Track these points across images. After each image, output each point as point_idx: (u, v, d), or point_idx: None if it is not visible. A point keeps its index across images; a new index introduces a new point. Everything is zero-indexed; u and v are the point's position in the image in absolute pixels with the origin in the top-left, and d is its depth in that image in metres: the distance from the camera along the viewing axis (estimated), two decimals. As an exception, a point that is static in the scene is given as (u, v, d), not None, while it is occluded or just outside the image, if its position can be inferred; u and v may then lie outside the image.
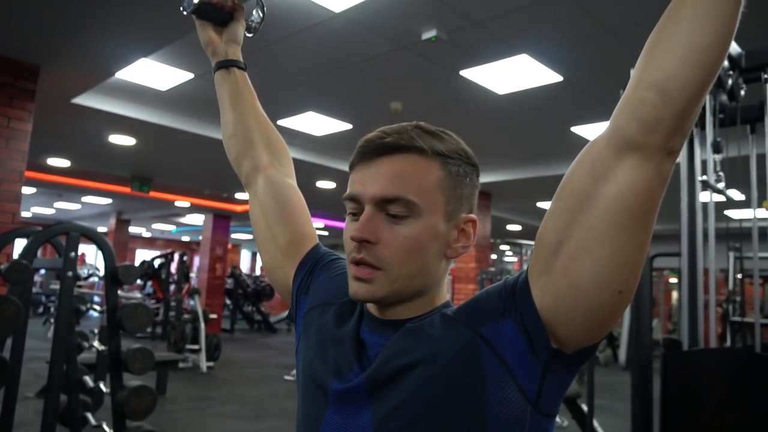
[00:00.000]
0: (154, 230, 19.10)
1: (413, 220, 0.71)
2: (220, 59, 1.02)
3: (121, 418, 3.07)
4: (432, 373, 0.66)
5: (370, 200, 0.72)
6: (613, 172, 0.62)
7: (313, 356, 0.79)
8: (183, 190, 10.34)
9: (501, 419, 0.64)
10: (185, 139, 6.19)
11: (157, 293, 11.89)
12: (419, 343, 0.69)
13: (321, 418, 0.74)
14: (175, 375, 6.53)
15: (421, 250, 0.71)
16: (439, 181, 0.73)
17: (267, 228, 0.93)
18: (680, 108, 0.59)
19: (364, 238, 0.70)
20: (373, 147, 0.73)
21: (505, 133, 5.85)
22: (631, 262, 0.63)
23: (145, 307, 3.06)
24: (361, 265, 0.71)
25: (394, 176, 0.71)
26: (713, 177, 2.09)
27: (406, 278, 0.72)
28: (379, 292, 0.71)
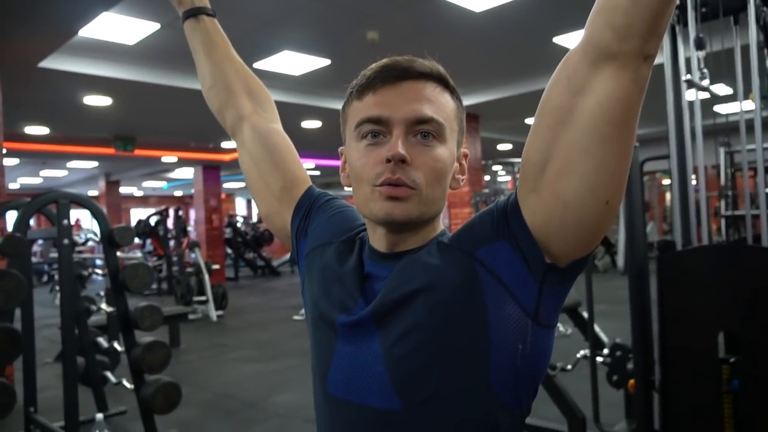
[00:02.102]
0: (146, 188, 18.99)
1: (439, 144, 0.72)
2: (186, 8, 0.99)
3: (139, 373, 3.17)
4: (434, 300, 0.69)
5: (403, 121, 0.71)
6: (590, 84, 0.61)
7: (318, 295, 0.81)
8: (168, 145, 10.21)
9: (504, 335, 0.67)
10: (162, 92, 6.05)
11: (158, 250, 11.97)
12: (419, 272, 0.71)
13: (333, 350, 0.76)
14: (187, 327, 6.69)
15: (445, 175, 0.73)
16: (455, 110, 0.76)
17: (259, 176, 0.93)
18: (653, 9, 0.58)
19: (403, 156, 0.69)
20: (397, 70, 0.73)
21: (487, 52, 5.71)
22: (616, 172, 0.63)
23: (145, 266, 3.09)
24: (396, 186, 0.70)
25: (426, 99, 0.72)
26: (697, 75, 2.06)
27: (432, 201, 0.72)
28: (413, 212, 0.71)
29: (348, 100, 0.78)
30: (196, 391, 4.34)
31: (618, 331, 3.04)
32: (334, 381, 0.75)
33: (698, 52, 2.05)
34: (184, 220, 11.82)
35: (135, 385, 3.13)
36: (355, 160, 0.74)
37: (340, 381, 0.74)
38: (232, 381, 4.75)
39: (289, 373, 4.88)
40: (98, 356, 3.87)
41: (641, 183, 2.73)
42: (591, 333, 3.00)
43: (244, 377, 4.86)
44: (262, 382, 4.67)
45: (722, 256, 2.00)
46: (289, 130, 1.00)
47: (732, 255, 1.99)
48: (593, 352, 2.93)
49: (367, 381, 0.72)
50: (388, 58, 0.75)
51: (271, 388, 4.46)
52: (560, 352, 3.39)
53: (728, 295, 1.83)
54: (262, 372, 4.99)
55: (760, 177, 2.09)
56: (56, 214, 2.87)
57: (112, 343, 4.21)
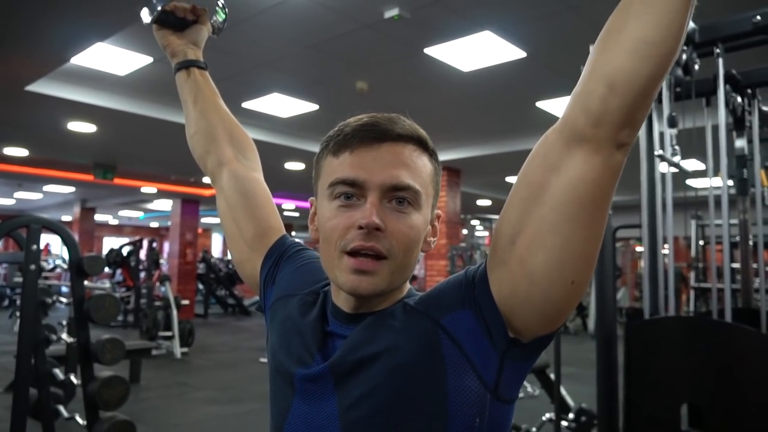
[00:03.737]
0: (121, 217, 18.74)
1: (415, 210, 0.70)
2: (179, 60, 1.02)
3: (94, 409, 3.05)
4: (394, 364, 0.67)
5: (379, 187, 0.69)
6: (564, 163, 0.62)
7: (277, 347, 0.80)
8: (149, 176, 10.15)
9: (461, 407, 0.65)
10: (148, 124, 6.06)
11: (128, 281, 11.71)
12: (381, 334, 0.69)
13: (289, 408, 0.74)
14: (149, 363, 6.49)
15: (418, 242, 0.71)
16: (432, 175, 0.74)
17: (233, 222, 0.93)
18: (628, 101, 0.59)
19: (378, 225, 0.67)
20: (375, 131, 0.70)
21: (472, 110, 5.87)
22: (584, 253, 0.63)
23: (112, 298, 3.03)
24: (365, 257, 0.68)
25: (404, 164, 0.70)
26: (669, 150, 2.15)
27: (403, 269, 0.71)
28: (381, 285, 0.69)
29: (322, 153, 0.76)
30: (151, 431, 4.18)
31: (586, 395, 3.03)
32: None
33: (671, 129, 2.14)
34: (157, 252, 11.63)
35: (88, 422, 3.01)
36: (326, 220, 0.72)
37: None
38: (191, 422, 4.58)
39: (252, 418, 4.73)
40: (52, 388, 3.72)
41: (613, 249, 2.79)
42: (557, 396, 2.99)
43: (204, 419, 4.70)
44: (223, 425, 4.52)
45: (685, 328, 2.03)
46: (273, 170, 1.03)
47: (694, 328, 2.03)
48: (558, 416, 2.91)
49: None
50: (368, 116, 0.73)
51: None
52: (526, 413, 3.37)
53: (691, 368, 1.85)
54: (223, 414, 4.83)
55: (725, 252, 2.15)
56: (26, 239, 2.81)
57: (68, 375, 4.06)
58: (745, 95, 2.50)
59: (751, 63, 2.51)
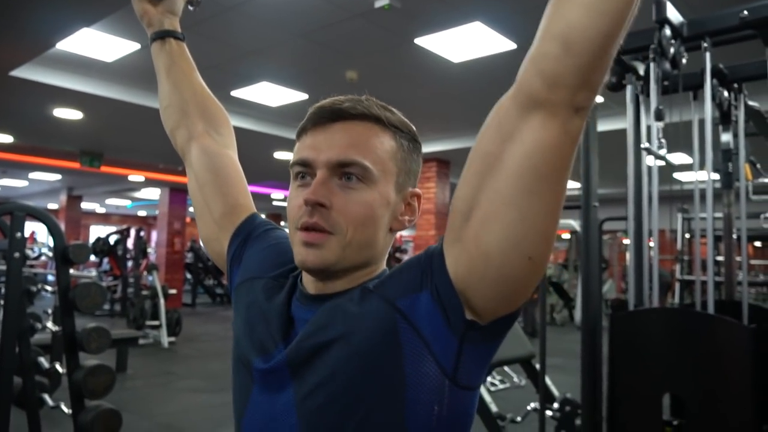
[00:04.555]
0: (109, 206, 18.58)
1: (366, 186, 0.69)
2: (155, 30, 0.99)
3: (79, 397, 3.04)
4: (348, 351, 0.65)
5: (325, 164, 0.69)
6: (519, 131, 0.58)
7: (241, 334, 0.77)
8: (136, 165, 10.06)
9: (419, 394, 0.63)
10: (135, 112, 6.00)
11: (115, 270, 11.64)
12: (336, 319, 0.67)
13: (248, 397, 0.73)
14: (136, 352, 6.47)
15: (373, 218, 0.69)
16: (392, 151, 0.72)
17: (202, 198, 0.90)
18: (584, 61, 0.55)
19: (318, 201, 0.67)
20: (328, 112, 0.71)
21: (462, 101, 5.86)
22: (541, 227, 0.59)
23: (98, 286, 3.01)
24: (312, 231, 0.68)
25: (350, 141, 0.69)
26: (656, 144, 2.16)
27: (357, 246, 0.69)
28: (329, 258, 0.68)
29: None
30: (138, 420, 4.18)
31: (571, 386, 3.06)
32: (248, 426, 0.73)
33: (657, 122, 2.15)
34: (145, 241, 11.56)
35: (73, 410, 3.00)
36: (288, 200, 0.73)
37: (254, 428, 0.72)
38: (177, 411, 4.59)
39: (238, 408, 4.75)
40: (37, 377, 3.70)
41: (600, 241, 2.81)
42: (542, 386, 3.02)
43: (190, 408, 4.70)
44: (209, 414, 4.52)
45: (669, 319, 2.06)
46: (262, 160, 1.02)
47: (677, 319, 2.05)
48: (543, 406, 2.94)
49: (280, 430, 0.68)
50: (330, 99, 0.73)
51: (216, 421, 4.32)
52: (512, 403, 3.40)
53: (674, 359, 1.88)
54: (209, 404, 4.84)
55: (709, 245, 2.18)
56: (10, 226, 2.78)
57: (54, 364, 4.03)
58: (731, 90, 2.52)
59: (739, 58, 2.53)
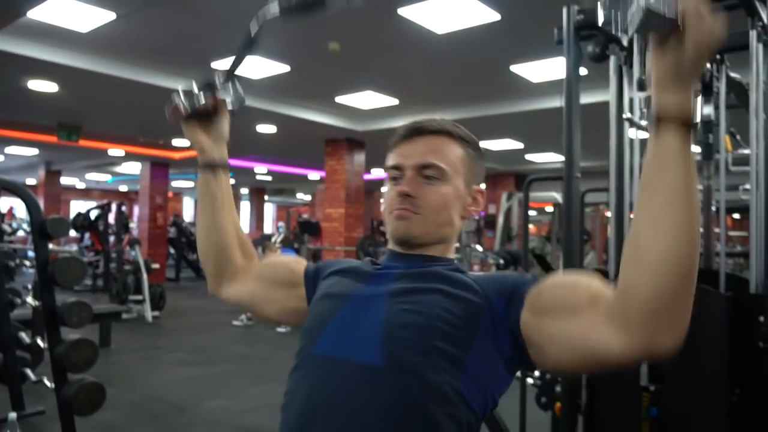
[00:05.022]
0: (89, 181, 18.31)
1: (442, 182, 0.92)
2: (207, 159, 1.06)
3: (62, 371, 3.03)
4: (447, 303, 0.84)
5: (412, 167, 0.92)
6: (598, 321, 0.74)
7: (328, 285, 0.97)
8: (116, 138, 9.90)
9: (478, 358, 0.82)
10: (113, 83, 5.88)
11: (96, 245, 11.53)
12: (444, 280, 0.88)
13: (334, 315, 0.89)
14: (119, 326, 6.45)
15: (447, 205, 0.93)
16: (461, 157, 0.95)
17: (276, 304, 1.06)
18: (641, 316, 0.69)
19: (407, 192, 0.91)
20: (412, 129, 0.95)
21: (445, 73, 5.82)
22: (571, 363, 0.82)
23: (77, 260, 2.97)
24: (403, 209, 0.91)
25: (428, 149, 0.93)
26: (638, 114, 2.16)
27: (436, 225, 0.92)
28: (414, 230, 0.91)
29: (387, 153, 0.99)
30: (123, 393, 4.18)
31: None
32: (323, 341, 0.87)
33: (640, 93, 2.15)
34: (126, 216, 11.44)
35: (56, 385, 2.99)
36: (385, 194, 0.96)
37: (331, 340, 0.87)
38: (163, 384, 4.60)
39: (224, 379, 4.77)
40: (19, 352, 3.68)
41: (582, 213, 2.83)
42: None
43: (176, 381, 4.72)
44: (195, 386, 4.55)
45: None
46: (244, 133, 1.02)
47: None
48: (524, 374, 2.99)
49: (359, 339, 0.84)
50: (412, 121, 0.97)
51: (203, 393, 4.34)
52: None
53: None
54: (195, 376, 4.86)
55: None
56: (-14, 200, 2.73)
57: (35, 339, 4.01)
58: (713, 61, 2.52)
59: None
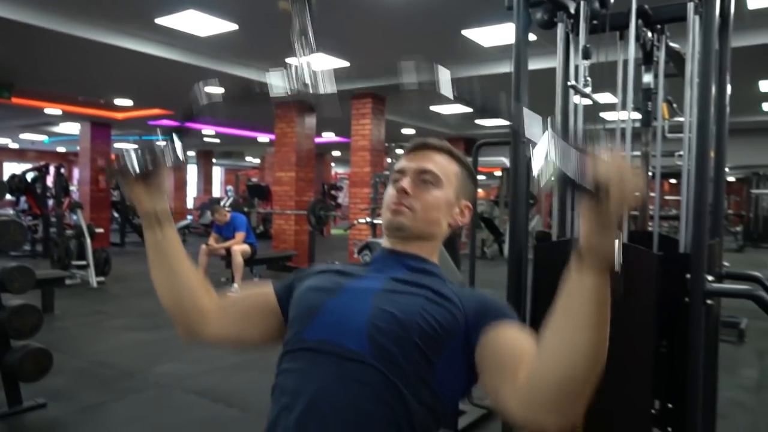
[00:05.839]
0: (23, 141, 17.40)
1: (436, 187, 1.06)
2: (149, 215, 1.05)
3: (5, 338, 2.96)
4: (429, 308, 0.93)
5: (413, 171, 1.07)
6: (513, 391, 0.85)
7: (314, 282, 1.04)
8: (53, 97, 9.42)
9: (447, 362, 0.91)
10: (49, 38, 5.57)
11: (34, 209, 11.06)
12: (432, 289, 0.97)
13: (324, 304, 0.96)
14: (63, 292, 6.27)
15: (437, 207, 1.06)
16: (455, 172, 1.10)
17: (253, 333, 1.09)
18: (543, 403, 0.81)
19: (404, 189, 1.04)
20: (421, 145, 1.11)
21: (397, 37, 5.78)
22: None
23: (18, 224, 2.88)
24: (399, 204, 1.03)
25: (431, 160, 1.08)
26: (582, 82, 2.23)
27: (425, 222, 1.05)
28: (405, 222, 1.04)
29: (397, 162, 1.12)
30: (69, 359, 4.11)
31: (496, 314, 3.25)
32: (315, 328, 0.94)
33: (584, 61, 2.21)
34: (66, 179, 10.99)
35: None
36: (385, 194, 1.09)
37: (321, 327, 0.94)
38: (110, 349, 4.54)
39: (173, 344, 4.74)
40: (-43, 319, 3.55)
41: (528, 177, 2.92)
42: (472, 314, 3.18)
43: (124, 346, 4.66)
44: (144, 351, 4.51)
45: (587, 248, 2.20)
46: (190, 93, 1.00)
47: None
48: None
49: (347, 328, 0.92)
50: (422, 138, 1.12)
51: (152, 357, 4.31)
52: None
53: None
54: (143, 341, 4.81)
55: (627, 180, 2.30)
56: None
57: (-26, 305, 3.87)
58: (654, 30, 2.61)
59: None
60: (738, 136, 5.33)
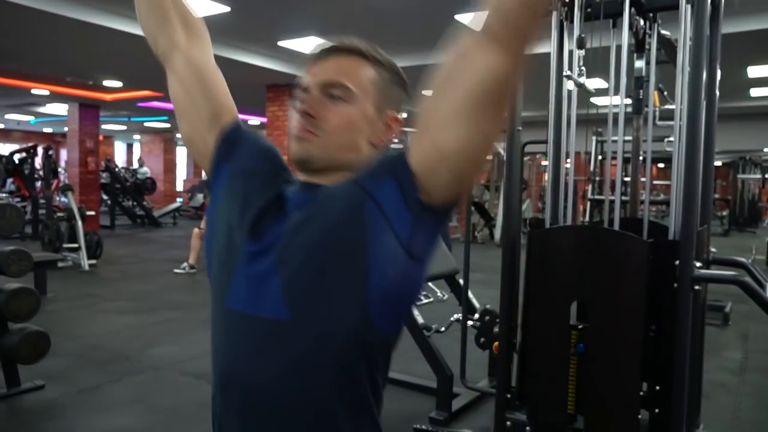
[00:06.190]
0: (8, 121, 17.16)
1: (347, 103, 0.86)
2: None
3: (2, 320, 2.97)
4: (324, 224, 0.80)
5: (316, 85, 0.86)
6: (476, 59, 0.74)
7: (230, 218, 0.88)
8: (40, 77, 9.28)
9: (380, 261, 0.77)
10: (36, 18, 5.48)
11: (22, 191, 10.97)
12: (330, 200, 0.82)
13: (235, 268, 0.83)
14: (55, 275, 6.27)
15: (352, 128, 0.86)
16: (372, 79, 0.89)
17: (189, 100, 0.97)
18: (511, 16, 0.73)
19: (306, 111, 0.85)
20: (326, 50, 0.90)
21: (391, 20, 5.76)
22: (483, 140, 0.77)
23: (14, 208, 2.89)
24: (302, 129, 0.85)
25: (337, 69, 0.87)
26: (576, 71, 2.26)
27: (338, 147, 0.85)
28: (313, 151, 0.85)
29: None
30: (64, 342, 4.14)
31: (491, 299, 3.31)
32: (232, 295, 0.83)
33: (579, 50, 2.24)
34: (54, 161, 10.89)
35: (-3, 334, 2.94)
36: (289, 117, 0.91)
37: (237, 293, 0.83)
38: (105, 332, 4.57)
39: (167, 326, 4.78)
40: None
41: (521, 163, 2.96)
42: (465, 299, 3.24)
43: (118, 329, 4.69)
44: (138, 334, 4.54)
45: (579, 235, 2.25)
46: None
47: (586, 235, 2.25)
48: (465, 317, 3.17)
49: (262, 294, 0.80)
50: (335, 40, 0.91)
51: (147, 340, 4.35)
52: (436, 315, 3.64)
53: (581, 270, 2.08)
54: (137, 324, 4.84)
55: (619, 166, 2.35)
56: None
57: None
58: (646, 18, 2.64)
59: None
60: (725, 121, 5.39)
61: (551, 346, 2.13)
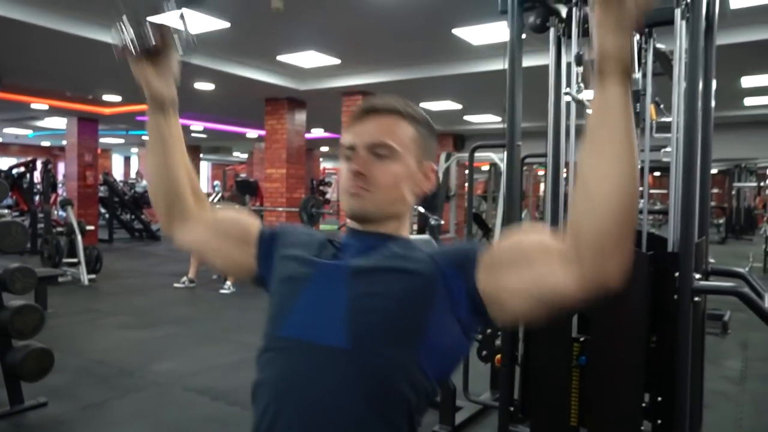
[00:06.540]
0: (6, 135, 17.18)
1: (392, 161, 0.94)
2: (156, 99, 1.02)
3: (6, 338, 2.98)
4: (408, 282, 0.89)
5: (363, 146, 0.94)
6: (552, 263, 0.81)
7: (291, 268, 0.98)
8: (40, 92, 9.32)
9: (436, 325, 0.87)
10: (35, 34, 5.53)
11: (21, 205, 10.97)
12: (401, 259, 0.92)
13: (296, 297, 0.93)
14: (55, 290, 6.26)
15: (398, 183, 0.95)
16: (411, 136, 0.97)
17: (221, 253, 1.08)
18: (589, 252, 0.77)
19: (359, 171, 0.93)
20: (365, 109, 0.98)
21: (389, 34, 5.82)
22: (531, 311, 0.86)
23: (19, 225, 2.90)
24: (357, 188, 0.93)
25: (380, 129, 0.95)
26: (575, 87, 2.30)
27: (387, 201, 0.95)
28: (368, 206, 0.94)
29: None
30: (67, 357, 4.13)
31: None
32: (290, 323, 0.91)
33: (577, 67, 2.28)
34: (53, 175, 10.91)
35: (1, 351, 2.95)
36: (340, 176, 1.00)
37: (296, 322, 0.91)
38: (107, 348, 4.56)
39: (170, 342, 4.77)
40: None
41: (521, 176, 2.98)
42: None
43: (120, 344, 4.69)
44: (140, 349, 4.54)
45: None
46: (180, 90, 1.03)
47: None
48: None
49: (324, 321, 0.88)
50: (366, 102, 1.00)
51: (149, 355, 4.35)
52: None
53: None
54: (139, 339, 4.84)
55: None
56: None
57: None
58: (642, 33, 2.68)
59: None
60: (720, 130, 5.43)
61: (553, 359, 2.15)
